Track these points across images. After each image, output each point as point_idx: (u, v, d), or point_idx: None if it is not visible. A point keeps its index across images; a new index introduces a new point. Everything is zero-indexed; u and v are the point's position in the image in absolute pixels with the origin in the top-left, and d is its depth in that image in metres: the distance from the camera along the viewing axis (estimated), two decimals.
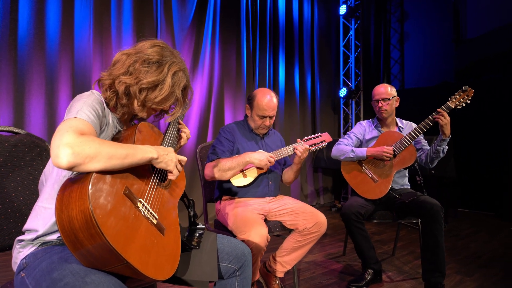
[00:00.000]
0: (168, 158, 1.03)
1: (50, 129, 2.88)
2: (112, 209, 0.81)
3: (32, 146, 1.32)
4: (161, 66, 1.08)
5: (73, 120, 0.91)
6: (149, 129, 1.13)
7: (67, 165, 0.79)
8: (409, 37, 6.45)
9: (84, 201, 0.77)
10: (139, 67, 1.06)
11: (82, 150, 0.81)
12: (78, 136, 0.84)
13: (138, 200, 0.92)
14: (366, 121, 2.59)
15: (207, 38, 3.99)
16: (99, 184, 0.82)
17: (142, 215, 0.90)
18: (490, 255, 2.94)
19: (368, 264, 2.23)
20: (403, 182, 2.47)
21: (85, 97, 1.02)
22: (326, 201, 5.35)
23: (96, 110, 0.99)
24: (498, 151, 4.56)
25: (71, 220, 0.77)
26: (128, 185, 0.91)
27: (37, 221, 0.97)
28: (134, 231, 0.85)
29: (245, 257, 1.19)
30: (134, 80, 1.05)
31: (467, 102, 2.18)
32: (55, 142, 0.82)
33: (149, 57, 1.07)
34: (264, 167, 1.93)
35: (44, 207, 0.98)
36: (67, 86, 3.00)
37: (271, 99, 2.01)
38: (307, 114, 5.23)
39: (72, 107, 0.98)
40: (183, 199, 1.22)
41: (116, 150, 0.88)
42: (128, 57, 1.08)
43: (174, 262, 0.96)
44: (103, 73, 1.11)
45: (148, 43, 1.11)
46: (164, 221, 0.99)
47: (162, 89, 1.08)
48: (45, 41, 2.85)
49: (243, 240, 1.63)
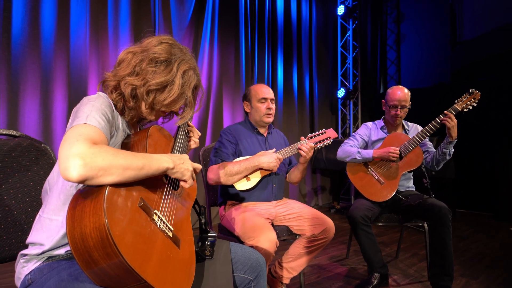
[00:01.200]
0: (184, 167, 0.96)
1: (45, 130, 2.79)
2: (129, 224, 0.75)
3: (32, 150, 1.25)
4: (169, 65, 1.02)
5: (83, 126, 0.83)
6: (159, 134, 1.06)
7: (78, 178, 0.72)
8: (405, 38, 6.47)
9: (99, 217, 0.70)
10: (146, 67, 0.99)
11: (94, 162, 0.74)
12: (90, 146, 0.76)
13: (154, 212, 0.86)
14: (371, 123, 2.55)
15: (206, 38, 3.93)
16: (114, 197, 0.75)
17: (158, 228, 0.84)
18: (492, 256, 2.93)
19: (375, 268, 2.19)
20: (408, 185, 2.45)
21: (93, 100, 0.94)
22: (325, 202, 5.33)
23: (106, 115, 0.92)
24: (494, 152, 4.58)
25: (84, 238, 0.71)
26: (142, 196, 0.85)
27: (43, 234, 0.90)
28: (151, 247, 0.79)
29: (260, 267, 1.14)
30: (141, 81, 0.99)
31: (473, 105, 2.17)
32: (64, 152, 0.74)
33: (156, 55, 1.01)
34: (273, 169, 1.87)
35: (49, 219, 0.91)
36: (62, 86, 2.91)
37: (265, 85, 2.10)
38: (305, 115, 5.19)
39: (79, 111, 0.90)
40: (194, 206, 1.17)
41: (132, 161, 0.81)
42: (134, 56, 1.01)
43: (190, 276, 0.90)
44: (107, 73, 1.04)
45: (155, 40, 1.05)
46: (179, 232, 0.93)
47: (171, 91, 1.02)
48: (40, 40, 2.76)
49: (251, 246, 1.58)
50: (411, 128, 2.47)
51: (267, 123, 2.07)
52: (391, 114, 2.36)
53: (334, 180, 5.48)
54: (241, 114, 4.25)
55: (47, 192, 0.97)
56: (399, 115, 2.34)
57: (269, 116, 2.04)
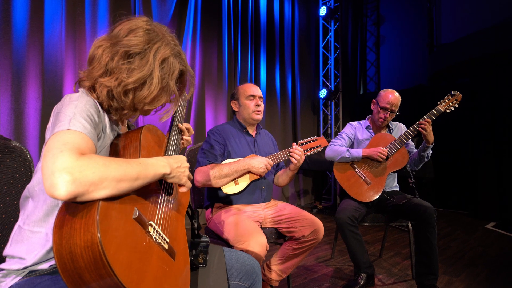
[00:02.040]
0: (181, 170, 0.89)
1: (17, 128, 2.62)
2: (123, 241, 0.68)
3: (6, 151, 1.14)
4: (144, 56, 0.88)
5: (66, 133, 0.73)
6: (152, 134, 0.98)
7: (67, 196, 0.63)
8: (384, 41, 6.60)
9: (91, 235, 0.63)
10: (118, 64, 0.87)
11: (84, 177, 0.65)
12: (77, 158, 0.67)
13: (149, 223, 0.78)
14: (356, 122, 2.56)
15: (188, 35, 3.83)
16: (107, 212, 0.68)
17: (154, 241, 0.77)
18: (471, 254, 3.01)
19: (362, 269, 2.19)
20: (393, 184, 2.48)
21: (75, 100, 0.83)
22: (307, 202, 5.34)
23: (91, 116, 0.82)
24: (470, 152, 4.75)
25: (74, 258, 0.63)
26: (137, 206, 0.77)
27: (23, 247, 0.81)
28: (146, 263, 0.72)
29: (255, 273, 1.09)
30: (115, 81, 0.86)
31: (455, 106, 2.23)
32: (48, 166, 0.64)
33: (127, 48, 0.87)
34: (261, 174, 1.83)
35: (31, 231, 0.82)
36: (36, 82, 2.74)
37: (253, 84, 2.08)
38: (287, 115, 5.19)
39: (61, 113, 0.79)
40: (187, 210, 1.10)
41: (125, 171, 0.72)
42: (104, 52, 0.88)
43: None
44: (81, 72, 0.91)
45: (126, 27, 0.90)
46: (174, 242, 0.86)
47: (151, 86, 0.89)
48: (11, 33, 2.58)
49: (241, 250, 1.53)
50: (394, 127, 2.51)
51: (256, 121, 2.02)
52: (380, 116, 2.37)
53: (316, 180, 5.51)
54: (224, 113, 4.18)
55: (27, 200, 0.87)
56: (387, 119, 2.36)
57: (258, 113, 1.99)
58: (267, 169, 1.82)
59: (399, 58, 6.31)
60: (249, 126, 2.06)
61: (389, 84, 6.38)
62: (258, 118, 2.01)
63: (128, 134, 0.93)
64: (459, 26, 4.77)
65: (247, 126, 2.05)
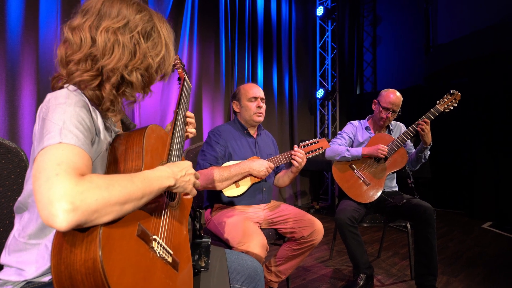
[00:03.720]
0: (185, 180, 0.83)
1: (11, 129, 2.57)
2: (127, 263, 0.64)
3: (1, 152, 1.11)
4: (155, 29, 0.89)
5: (59, 149, 0.65)
6: (156, 135, 0.91)
7: (68, 227, 0.57)
8: (381, 41, 6.61)
9: (93, 262, 0.58)
10: (143, 44, 0.85)
11: (86, 205, 0.58)
12: (77, 182, 0.60)
13: (153, 237, 0.75)
14: (357, 121, 2.55)
15: (185, 35, 3.80)
16: (110, 233, 0.63)
17: (158, 256, 0.74)
18: (469, 254, 3.02)
19: (361, 269, 2.17)
20: (392, 185, 2.48)
21: (62, 102, 0.73)
22: (304, 203, 5.33)
23: (83, 121, 0.73)
24: (467, 152, 4.77)
25: (75, 284, 0.59)
26: (140, 220, 0.73)
27: (22, 258, 0.77)
28: (150, 281, 0.69)
29: (258, 276, 1.07)
30: (144, 62, 0.85)
31: (454, 106, 2.22)
32: (44, 194, 0.58)
33: (143, 26, 0.86)
34: (262, 177, 1.81)
35: (28, 243, 0.78)
36: (30, 81, 2.70)
37: (255, 84, 2.06)
38: (284, 115, 5.17)
39: (47, 121, 0.70)
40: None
41: (130, 192, 0.66)
42: (121, 37, 0.82)
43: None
44: (87, 72, 0.81)
45: (117, 4, 0.84)
46: (178, 253, 0.83)
47: (161, 51, 0.89)
48: (6, 31, 2.54)
49: (242, 252, 1.51)
50: (394, 127, 2.50)
51: (257, 122, 2.00)
52: (381, 116, 2.36)
53: (313, 180, 5.50)
54: (221, 113, 4.15)
55: (21, 209, 0.82)
56: (389, 119, 2.35)
57: (259, 115, 1.97)
58: (268, 172, 1.80)
59: (396, 59, 6.32)
60: (250, 127, 2.04)
61: (386, 84, 6.36)
62: (259, 120, 1.99)
63: (130, 135, 0.87)
64: (455, 26, 4.79)
65: (248, 127, 2.03)
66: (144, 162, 0.80)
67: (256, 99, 1.97)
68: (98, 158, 0.80)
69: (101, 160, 0.81)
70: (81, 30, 0.81)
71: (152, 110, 3.46)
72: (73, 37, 0.81)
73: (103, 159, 0.82)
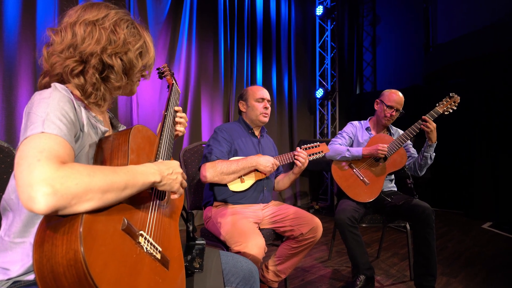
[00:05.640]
0: (173, 178, 0.84)
1: (8, 128, 2.56)
2: (111, 256, 0.63)
3: None
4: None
5: (41, 138, 0.66)
6: (142, 134, 0.92)
7: (47, 209, 0.57)
8: (380, 41, 6.60)
9: (75, 252, 0.57)
10: (120, 31, 0.92)
11: (66, 188, 0.58)
12: (58, 168, 0.60)
13: (139, 233, 0.73)
14: (357, 122, 2.55)
15: (184, 34, 3.79)
16: (92, 225, 0.62)
17: (145, 252, 0.73)
18: (468, 254, 3.01)
19: (361, 270, 2.16)
20: (390, 185, 2.46)
21: (46, 97, 0.75)
22: (304, 203, 5.32)
23: (66, 115, 0.74)
24: (465, 152, 4.75)
25: (57, 277, 0.58)
26: (126, 216, 0.71)
27: (7, 257, 0.76)
28: (137, 277, 0.67)
29: (253, 278, 1.06)
30: (121, 46, 0.90)
31: (453, 108, 2.22)
32: (24, 178, 0.58)
33: (119, 17, 0.94)
34: (267, 173, 1.84)
35: (13, 242, 0.77)
36: (27, 81, 2.68)
37: (262, 87, 2.12)
38: (284, 115, 5.16)
39: (31, 114, 0.71)
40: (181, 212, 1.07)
41: (112, 181, 0.66)
42: (102, 29, 0.89)
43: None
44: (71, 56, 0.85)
45: (105, 11, 0.92)
46: (167, 250, 0.82)
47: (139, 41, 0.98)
48: (2, 30, 2.52)
49: (238, 252, 1.50)
50: (395, 132, 2.49)
51: (263, 123, 2.05)
52: (385, 114, 2.35)
53: (313, 180, 5.49)
54: (220, 113, 4.14)
55: (5, 208, 0.82)
56: (393, 117, 2.34)
57: (265, 115, 2.02)
58: (273, 169, 1.84)
59: (395, 58, 6.31)
60: (255, 128, 2.08)
61: (385, 84, 6.37)
62: (265, 121, 2.04)
63: (116, 135, 0.88)
64: (455, 26, 4.78)
65: (253, 127, 2.07)
66: (130, 159, 0.80)
67: (263, 100, 2.02)
68: (81, 154, 0.81)
69: (85, 157, 0.82)
70: (62, 30, 0.87)
71: (150, 110, 3.45)
72: (55, 36, 0.87)
73: (87, 157, 0.83)
